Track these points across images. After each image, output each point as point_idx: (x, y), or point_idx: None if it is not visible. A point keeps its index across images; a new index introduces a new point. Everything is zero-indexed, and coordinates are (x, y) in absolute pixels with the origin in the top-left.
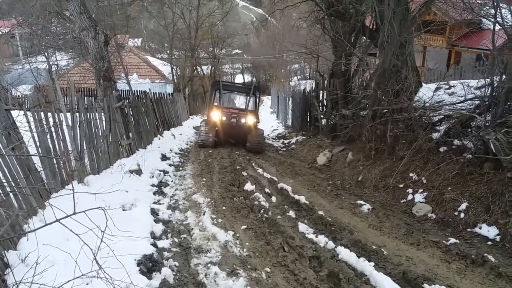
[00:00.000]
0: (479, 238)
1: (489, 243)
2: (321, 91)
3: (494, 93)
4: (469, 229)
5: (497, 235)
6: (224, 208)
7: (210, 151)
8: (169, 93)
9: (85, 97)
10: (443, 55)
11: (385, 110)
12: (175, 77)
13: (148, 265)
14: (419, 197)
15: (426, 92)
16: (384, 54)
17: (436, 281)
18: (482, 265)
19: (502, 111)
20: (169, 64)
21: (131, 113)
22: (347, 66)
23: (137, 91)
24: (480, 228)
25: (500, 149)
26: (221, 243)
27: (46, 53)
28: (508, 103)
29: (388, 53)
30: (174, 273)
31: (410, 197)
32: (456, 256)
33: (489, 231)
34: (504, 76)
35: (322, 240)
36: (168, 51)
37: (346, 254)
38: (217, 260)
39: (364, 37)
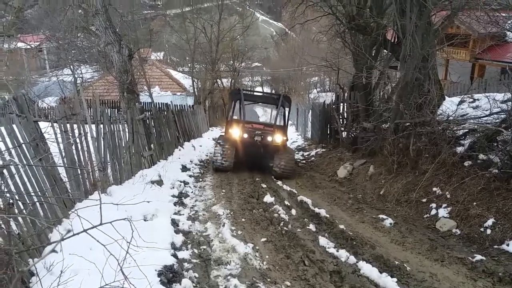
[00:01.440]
0: (507, 256)
1: None
2: (341, 104)
3: None
4: (496, 246)
5: None
6: (243, 220)
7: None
8: (189, 105)
9: (109, 109)
10: (467, 68)
11: (407, 124)
12: (195, 89)
13: (169, 276)
14: (443, 212)
15: (449, 105)
16: (406, 67)
17: None
18: (510, 283)
19: None
20: (190, 77)
21: (153, 125)
22: (368, 79)
23: (159, 103)
24: (508, 245)
25: None
26: (240, 255)
27: (72, 66)
28: None
29: (410, 66)
30: (194, 284)
31: (433, 212)
32: (483, 273)
33: None
34: None
35: (343, 254)
36: (189, 65)
37: (368, 269)
38: (237, 273)
39: (385, 50)
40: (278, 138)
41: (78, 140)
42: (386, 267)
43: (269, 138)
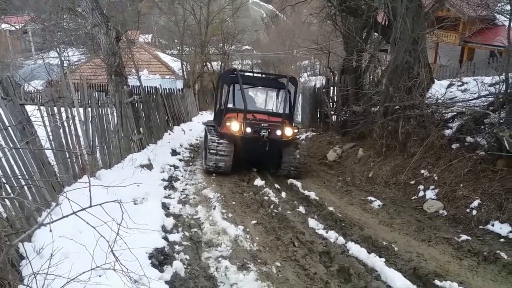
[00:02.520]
0: (492, 235)
1: (502, 240)
2: (331, 87)
3: (508, 90)
4: (481, 226)
5: (510, 232)
6: (234, 203)
7: None
8: (179, 89)
9: (97, 93)
10: (456, 51)
11: (396, 107)
12: (185, 73)
13: (160, 258)
14: (430, 194)
15: (438, 88)
16: (396, 50)
17: (448, 278)
18: (495, 262)
19: None
20: (179, 60)
21: (142, 109)
22: (359, 62)
23: (147, 86)
24: (493, 225)
25: None
26: (231, 238)
27: (58, 49)
28: None
29: (401, 49)
30: (185, 266)
31: (421, 193)
32: (468, 253)
33: (502, 228)
34: None
35: (332, 235)
36: (178, 47)
37: (356, 249)
38: (228, 254)
39: (376, 33)
40: (288, 131)
41: (65, 124)
42: (375, 248)
43: (278, 132)
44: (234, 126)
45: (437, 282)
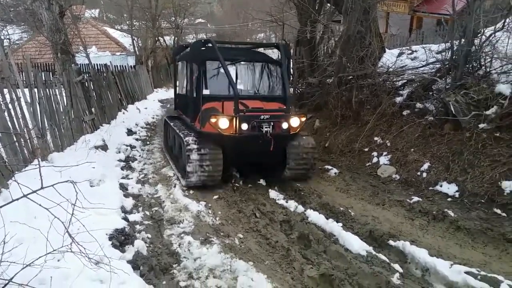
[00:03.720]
0: (440, 196)
1: (449, 199)
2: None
3: (454, 57)
4: (430, 188)
5: (456, 191)
6: None
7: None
8: (131, 66)
9: (43, 72)
10: (406, 20)
11: (350, 77)
12: (136, 49)
13: (120, 239)
14: (383, 160)
15: (389, 57)
16: (348, 20)
17: (401, 237)
18: (443, 220)
19: (461, 74)
20: (129, 36)
21: (93, 88)
22: (313, 33)
23: (97, 64)
24: (441, 186)
25: (459, 110)
26: (193, 214)
27: None
28: (467, 65)
29: (352, 19)
30: (147, 245)
31: (375, 160)
32: (419, 213)
33: (449, 188)
34: (463, 40)
35: (292, 205)
36: (127, 22)
37: (315, 216)
38: (190, 230)
39: (328, 4)
40: (295, 121)
41: (10, 106)
42: (332, 214)
43: (285, 125)
44: (223, 122)
45: (391, 242)
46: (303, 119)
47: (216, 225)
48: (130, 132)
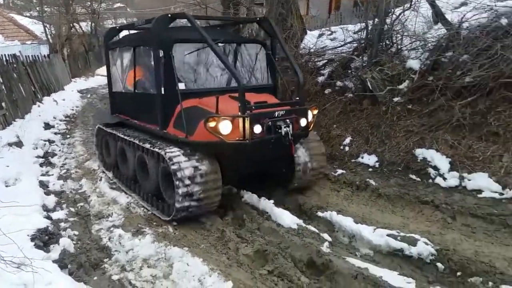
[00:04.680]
0: (362, 167)
1: (370, 169)
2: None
3: (369, 36)
4: (353, 160)
5: (376, 162)
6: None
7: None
8: (44, 55)
9: None
10: (325, 2)
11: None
12: (49, 36)
13: (44, 239)
14: None
15: (310, 39)
16: (270, 3)
17: (328, 208)
18: (365, 189)
19: (376, 52)
20: (40, 22)
21: (1, 80)
22: (236, 16)
23: (5, 55)
24: (362, 157)
25: (375, 86)
26: (122, 206)
27: None
28: (381, 43)
29: (274, 1)
30: (74, 242)
31: None
32: (344, 184)
33: (370, 159)
34: (376, 19)
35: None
36: (38, 8)
37: (248, 196)
38: (120, 223)
39: None
40: (310, 116)
41: None
42: (265, 193)
43: (303, 122)
44: (226, 126)
45: (319, 213)
46: (315, 111)
47: (148, 215)
48: (47, 126)
